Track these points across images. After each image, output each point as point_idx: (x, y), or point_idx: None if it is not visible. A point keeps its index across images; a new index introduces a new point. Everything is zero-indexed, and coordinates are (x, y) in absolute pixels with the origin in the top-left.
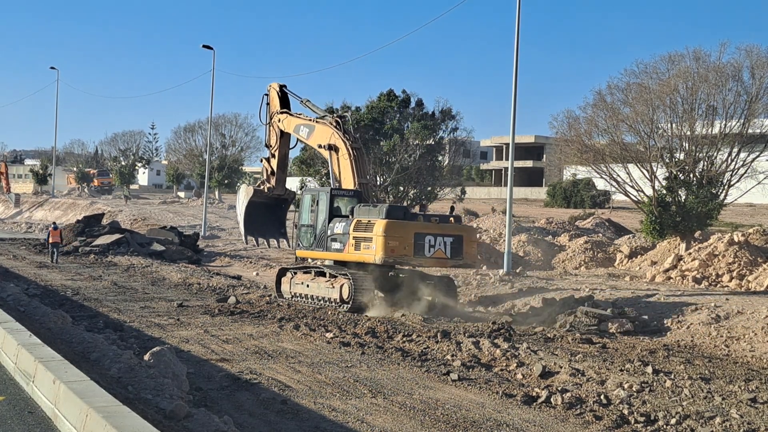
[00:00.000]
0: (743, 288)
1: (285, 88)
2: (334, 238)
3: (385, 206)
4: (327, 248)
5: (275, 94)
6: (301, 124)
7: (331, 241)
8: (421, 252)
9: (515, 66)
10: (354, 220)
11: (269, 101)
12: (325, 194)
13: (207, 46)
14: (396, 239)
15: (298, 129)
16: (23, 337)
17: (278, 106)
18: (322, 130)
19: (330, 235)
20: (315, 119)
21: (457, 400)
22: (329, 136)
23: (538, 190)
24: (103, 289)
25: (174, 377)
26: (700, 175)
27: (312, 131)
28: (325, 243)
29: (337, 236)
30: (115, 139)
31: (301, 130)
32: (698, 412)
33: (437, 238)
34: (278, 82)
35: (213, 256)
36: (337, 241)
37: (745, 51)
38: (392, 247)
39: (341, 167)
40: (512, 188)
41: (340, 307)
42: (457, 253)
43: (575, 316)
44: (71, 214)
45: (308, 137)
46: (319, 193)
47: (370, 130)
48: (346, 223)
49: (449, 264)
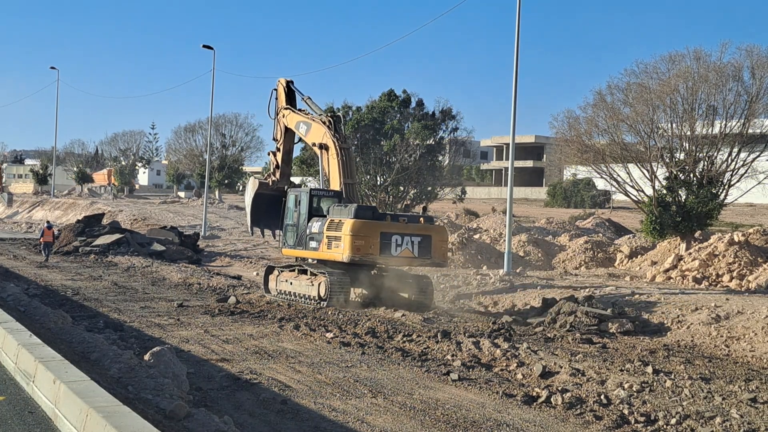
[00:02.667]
0: (743, 288)
1: (292, 84)
2: (311, 237)
3: (354, 206)
4: (306, 246)
5: (282, 90)
6: (301, 121)
7: (309, 239)
8: (387, 251)
9: (515, 66)
10: (328, 219)
11: (277, 96)
12: (306, 194)
13: (207, 46)
14: (362, 238)
15: (298, 125)
16: (23, 337)
17: (284, 102)
18: (317, 129)
19: (308, 234)
20: (312, 117)
21: (457, 400)
22: (322, 134)
23: (538, 190)
24: (103, 289)
25: (174, 377)
26: (701, 175)
27: (309, 129)
28: (305, 242)
29: (314, 235)
30: (115, 139)
31: (301, 126)
32: (698, 412)
33: (404, 237)
34: (286, 78)
35: (213, 256)
36: (314, 239)
37: (746, 51)
38: (358, 245)
39: (330, 166)
40: (512, 188)
41: (318, 304)
42: (425, 252)
43: (575, 316)
44: (71, 214)
45: (306, 134)
46: (301, 193)
47: (371, 130)
48: (322, 222)
49: (416, 263)
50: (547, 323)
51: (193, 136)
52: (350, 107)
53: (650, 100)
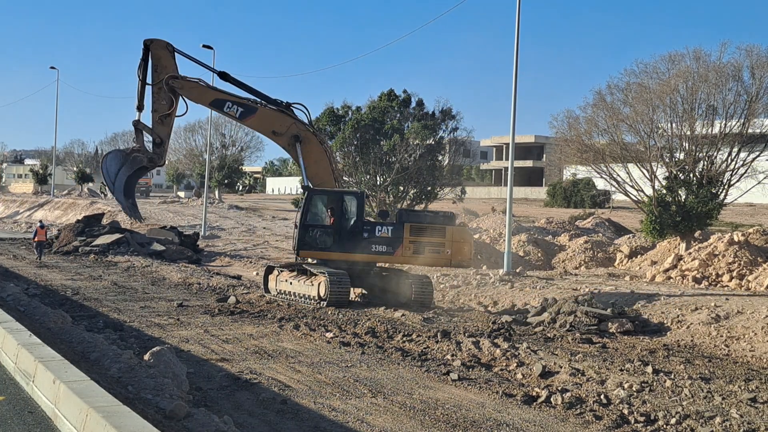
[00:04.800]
0: (743, 288)
1: (171, 47)
2: (374, 241)
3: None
4: (365, 250)
5: (167, 54)
6: (228, 101)
7: (372, 244)
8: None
9: (515, 66)
10: (409, 224)
11: (156, 62)
12: (356, 197)
13: (207, 46)
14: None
15: (221, 104)
16: (23, 337)
17: (175, 70)
18: (271, 116)
19: (369, 238)
20: (252, 101)
21: (457, 399)
22: (287, 125)
23: (538, 190)
24: (103, 289)
25: (174, 377)
26: (700, 174)
27: (251, 113)
28: (363, 245)
29: (381, 239)
30: (115, 139)
31: (229, 107)
32: (698, 411)
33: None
34: (160, 38)
35: (213, 255)
36: (380, 244)
37: (746, 51)
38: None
39: (318, 162)
40: (512, 188)
41: (318, 304)
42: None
43: (575, 316)
44: (71, 214)
45: (243, 118)
46: (347, 195)
47: (371, 130)
48: (395, 227)
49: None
50: (546, 323)
51: (193, 136)
52: (350, 107)
53: (650, 100)
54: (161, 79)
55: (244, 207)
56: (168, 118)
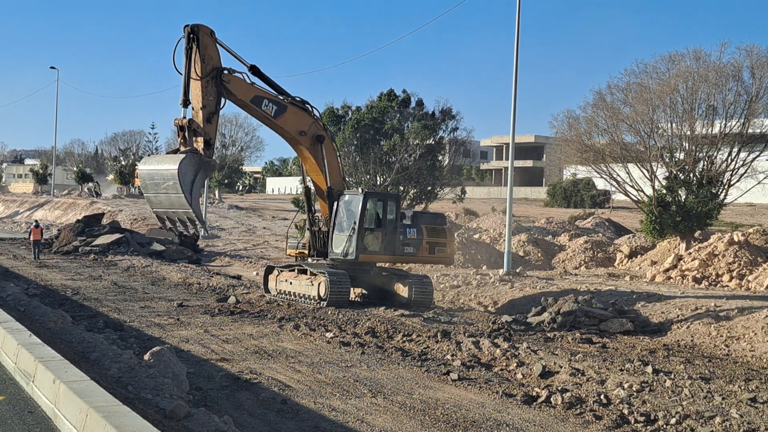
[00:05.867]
0: (743, 288)
1: (214, 35)
2: (406, 243)
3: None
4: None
5: (212, 43)
6: (266, 98)
7: (404, 246)
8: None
9: (515, 66)
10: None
11: (203, 52)
12: (395, 200)
13: None
14: None
15: (259, 102)
16: (23, 337)
17: (220, 62)
18: (298, 114)
19: (402, 240)
20: (283, 98)
21: (457, 399)
22: (309, 123)
23: (538, 190)
24: (103, 289)
25: (174, 377)
26: (700, 174)
27: (283, 112)
28: (396, 247)
29: (410, 241)
30: (115, 139)
31: (266, 104)
32: (698, 411)
33: None
34: (203, 24)
35: (213, 255)
36: (410, 245)
37: (746, 51)
38: None
39: (329, 164)
40: (512, 188)
41: (318, 304)
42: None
43: (575, 316)
44: (71, 214)
45: (277, 117)
46: (389, 198)
47: (371, 130)
48: (417, 228)
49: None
50: (547, 323)
51: None
52: (350, 107)
53: (650, 99)
54: (209, 72)
55: (244, 207)
56: (215, 116)
